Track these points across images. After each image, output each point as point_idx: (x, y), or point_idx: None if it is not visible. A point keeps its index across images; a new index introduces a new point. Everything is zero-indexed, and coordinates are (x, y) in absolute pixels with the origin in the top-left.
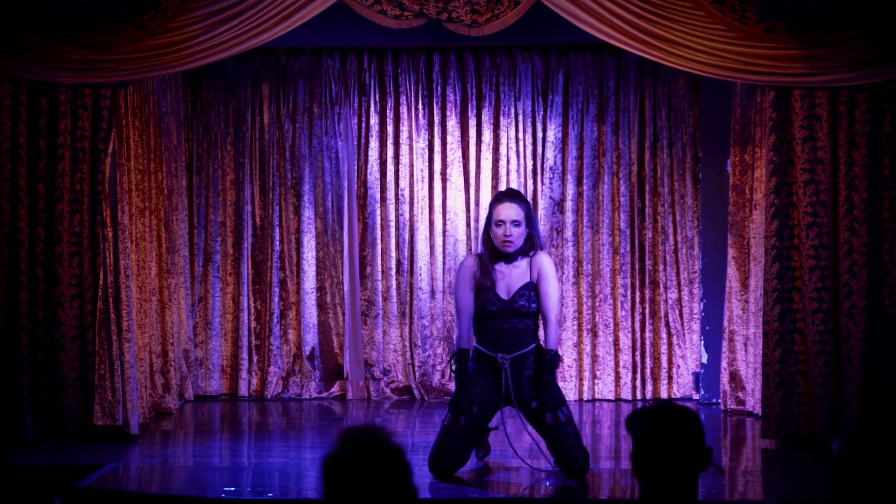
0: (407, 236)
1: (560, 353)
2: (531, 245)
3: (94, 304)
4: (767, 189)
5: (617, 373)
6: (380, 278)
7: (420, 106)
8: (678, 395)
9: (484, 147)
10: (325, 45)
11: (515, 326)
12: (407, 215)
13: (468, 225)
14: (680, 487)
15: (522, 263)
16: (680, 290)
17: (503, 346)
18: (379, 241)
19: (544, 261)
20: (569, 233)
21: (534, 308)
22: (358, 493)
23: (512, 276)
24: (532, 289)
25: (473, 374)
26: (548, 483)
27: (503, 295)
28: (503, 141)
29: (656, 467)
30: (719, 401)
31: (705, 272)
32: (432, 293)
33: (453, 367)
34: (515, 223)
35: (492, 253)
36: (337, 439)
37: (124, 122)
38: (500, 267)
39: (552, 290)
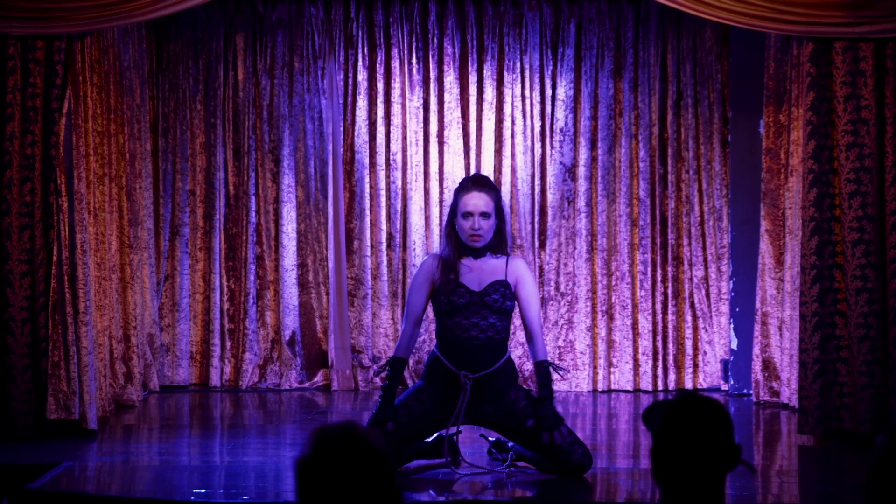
0: (399, 207)
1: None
2: (500, 239)
3: (46, 282)
4: (805, 153)
5: (635, 360)
6: (369, 254)
7: (414, 60)
8: (704, 386)
9: (486, 106)
10: None
11: (488, 328)
12: (399, 183)
13: None
14: (705, 490)
15: (494, 261)
16: (706, 268)
17: (469, 359)
18: (368, 212)
19: (523, 267)
20: (581, 203)
21: (508, 306)
22: (334, 499)
23: (483, 271)
24: (507, 287)
25: (420, 387)
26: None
27: (473, 287)
28: (507, 99)
29: (678, 467)
30: (751, 392)
31: (735, 247)
32: None
33: (382, 377)
34: (484, 215)
35: (456, 247)
36: (310, 439)
37: (81, 79)
38: (468, 262)
39: (534, 298)
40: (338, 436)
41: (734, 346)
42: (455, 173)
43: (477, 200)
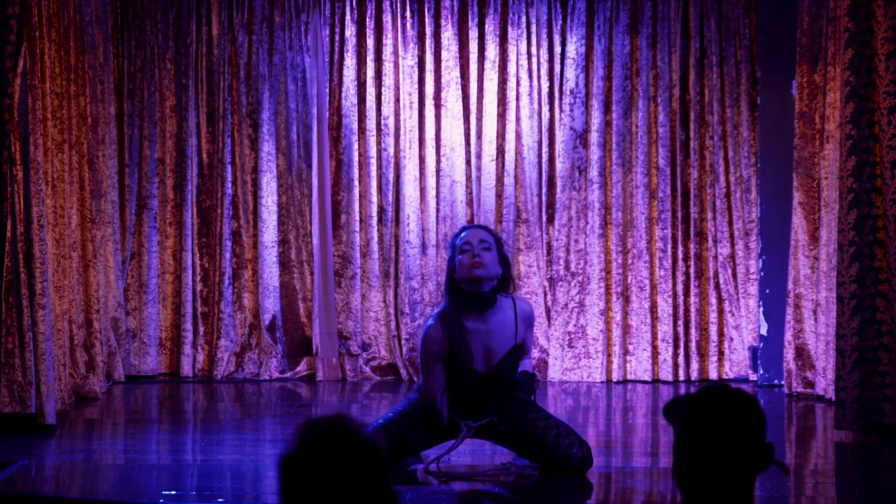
0: (391, 177)
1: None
2: (506, 281)
3: None
4: (843, 117)
5: (654, 347)
6: (357, 229)
7: (408, 14)
8: (730, 376)
9: (488, 65)
10: None
11: (493, 393)
12: (391, 150)
13: (468, 162)
14: (732, 493)
15: (502, 314)
16: (733, 244)
17: (472, 410)
18: (356, 183)
19: (528, 303)
20: (594, 172)
21: (518, 366)
22: (323, 502)
23: (492, 337)
24: (518, 352)
25: (409, 410)
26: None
27: (480, 366)
28: (511, 57)
29: (703, 467)
30: (782, 382)
31: (764, 221)
32: (423, 248)
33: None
34: (484, 245)
35: (460, 301)
36: (296, 434)
37: (37, 35)
38: (474, 323)
39: (531, 334)
40: (327, 430)
41: (764, 331)
42: (453, 139)
43: (474, 234)
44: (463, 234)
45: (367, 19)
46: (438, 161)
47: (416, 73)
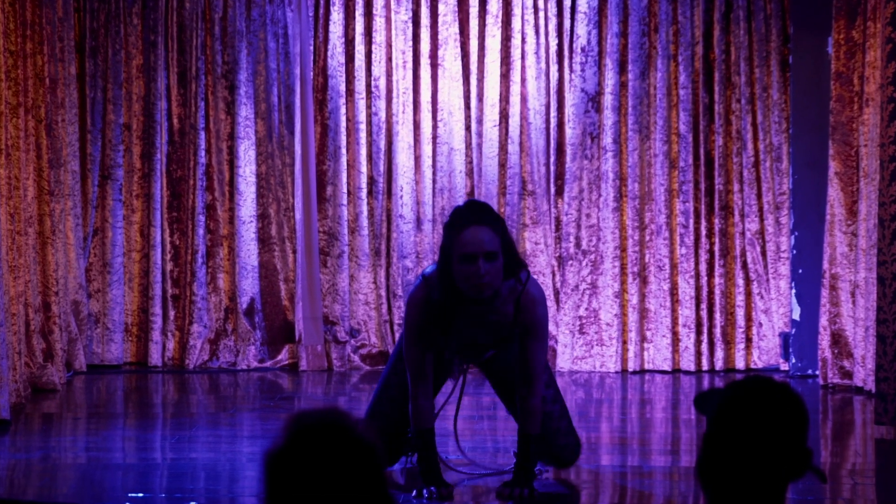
0: (383, 144)
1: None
2: (514, 266)
3: None
4: (884, 78)
5: (675, 333)
6: (345, 202)
7: None
8: (759, 365)
9: (490, 20)
10: None
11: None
12: (383, 115)
13: (467, 128)
14: (760, 500)
15: (502, 308)
16: (762, 219)
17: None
18: (344, 151)
19: (534, 305)
20: (608, 139)
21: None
22: (311, 503)
23: (482, 325)
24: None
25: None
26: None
27: (468, 355)
28: (516, 11)
29: (732, 468)
30: (817, 372)
31: (797, 194)
32: (418, 223)
33: (412, 460)
34: (490, 256)
35: (451, 294)
36: (284, 428)
37: None
38: (464, 311)
39: (539, 348)
40: (319, 425)
41: (796, 315)
42: (451, 102)
43: (477, 238)
44: (464, 238)
45: None
46: (435, 127)
47: (410, 29)
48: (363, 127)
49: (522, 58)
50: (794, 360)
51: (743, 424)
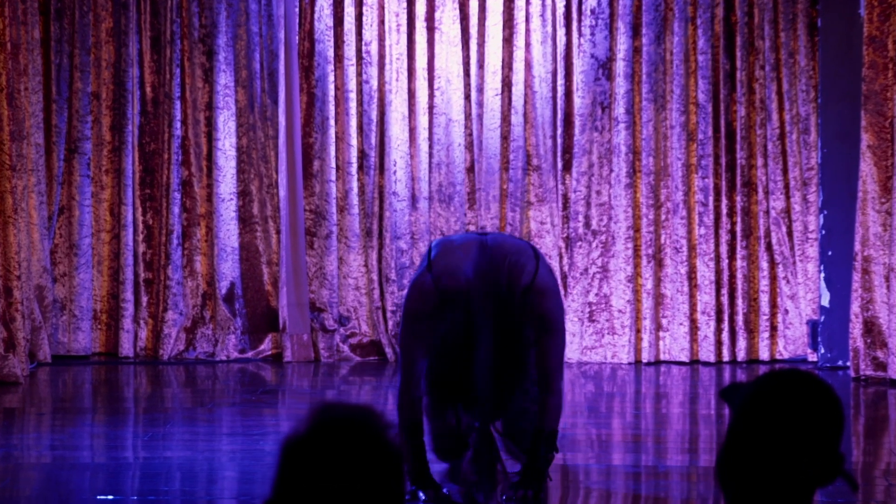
0: (375, 115)
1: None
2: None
3: None
4: None
5: (693, 321)
6: (333, 178)
7: None
8: (785, 355)
9: None
10: None
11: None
12: (375, 83)
13: (467, 97)
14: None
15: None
16: (788, 197)
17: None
18: (332, 123)
19: (544, 297)
20: (620, 109)
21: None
22: (325, 500)
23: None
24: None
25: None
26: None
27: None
28: None
29: (755, 468)
30: (848, 363)
31: (826, 169)
32: (412, 201)
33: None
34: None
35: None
36: (309, 416)
37: None
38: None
39: (555, 344)
40: (346, 420)
41: (825, 302)
42: (449, 69)
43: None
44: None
45: None
46: (431, 96)
47: None
48: (353, 96)
49: (527, 20)
50: (822, 351)
51: (771, 421)
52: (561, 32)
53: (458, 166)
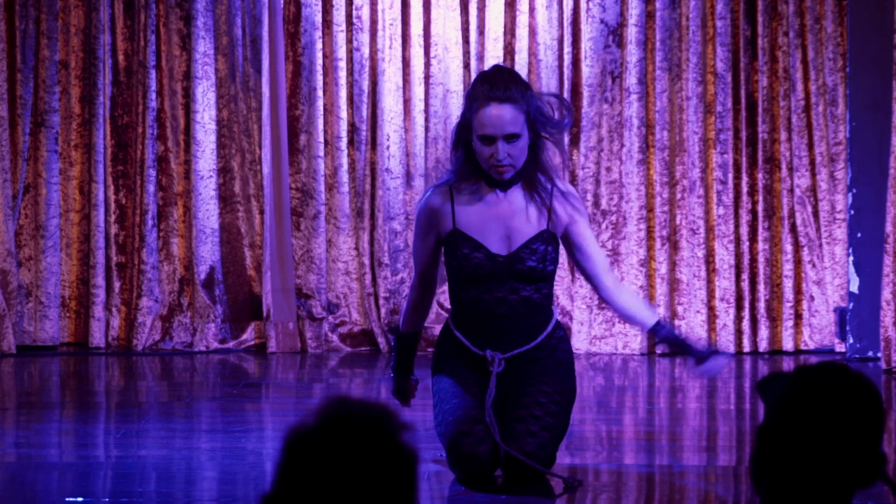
0: (366, 85)
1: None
2: (536, 159)
3: None
4: None
5: (711, 308)
6: (322, 154)
7: None
8: (810, 346)
9: None
10: None
11: (520, 304)
12: (366, 50)
13: (466, 66)
14: None
15: (530, 198)
16: (814, 174)
17: (496, 336)
18: (320, 94)
19: (575, 203)
20: (631, 79)
21: (550, 271)
22: (325, 500)
23: (514, 217)
24: (551, 242)
25: (447, 368)
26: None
27: (498, 248)
28: None
29: (790, 466)
30: (878, 354)
31: (855, 143)
32: (407, 178)
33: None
34: (511, 137)
35: (472, 175)
36: (319, 409)
37: None
38: (491, 198)
39: (594, 245)
40: (358, 417)
41: (854, 288)
42: (447, 36)
43: (499, 117)
44: (483, 114)
45: None
46: (428, 64)
47: None
48: (343, 65)
49: None
50: (851, 341)
51: (808, 418)
52: None
53: None
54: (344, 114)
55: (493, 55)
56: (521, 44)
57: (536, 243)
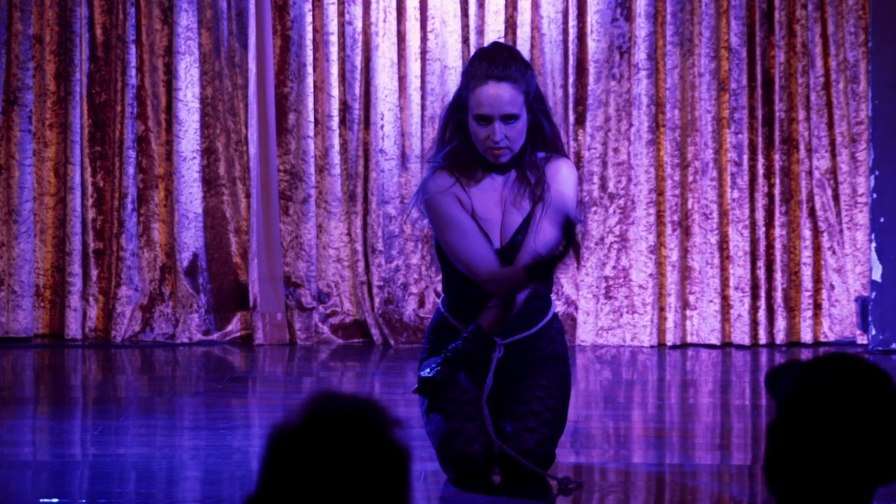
0: (359, 61)
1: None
2: (540, 136)
3: None
4: None
5: (724, 298)
6: (312, 134)
7: None
8: (831, 337)
9: None
10: None
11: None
12: (359, 24)
13: (464, 41)
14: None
15: (526, 182)
16: (834, 155)
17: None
18: (310, 70)
19: (564, 173)
20: (640, 55)
21: None
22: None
23: (508, 204)
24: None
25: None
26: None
27: (494, 239)
28: None
29: (806, 463)
30: None
31: (878, 123)
32: (402, 160)
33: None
34: (509, 118)
35: (466, 158)
36: (304, 405)
37: None
38: (487, 184)
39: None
40: (345, 413)
41: (877, 276)
42: (444, 9)
43: (496, 97)
44: (480, 92)
45: None
46: (424, 39)
47: None
48: (334, 39)
49: None
50: (873, 332)
51: (823, 412)
52: None
53: None
54: (335, 91)
55: (494, 29)
56: (524, 17)
57: (518, 236)
